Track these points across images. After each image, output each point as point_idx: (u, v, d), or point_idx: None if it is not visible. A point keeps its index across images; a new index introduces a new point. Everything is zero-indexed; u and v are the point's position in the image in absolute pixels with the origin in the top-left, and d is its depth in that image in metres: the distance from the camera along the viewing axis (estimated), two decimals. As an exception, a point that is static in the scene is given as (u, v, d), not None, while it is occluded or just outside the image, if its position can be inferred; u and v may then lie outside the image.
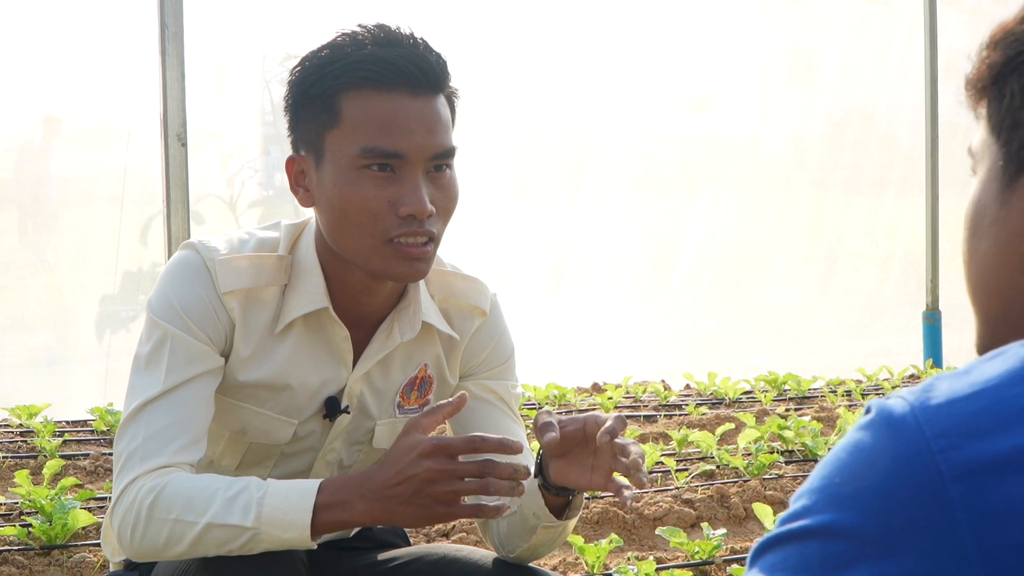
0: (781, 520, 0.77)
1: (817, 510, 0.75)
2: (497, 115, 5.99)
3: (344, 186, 1.55)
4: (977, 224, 0.88)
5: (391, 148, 1.53)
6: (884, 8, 7.20)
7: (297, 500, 1.48)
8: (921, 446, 0.72)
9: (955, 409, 0.73)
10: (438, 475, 1.43)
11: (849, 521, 0.73)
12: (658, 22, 6.63)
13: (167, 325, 1.59)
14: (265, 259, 1.64)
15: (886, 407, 0.75)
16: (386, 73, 1.54)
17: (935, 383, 0.75)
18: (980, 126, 0.88)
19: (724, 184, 6.71)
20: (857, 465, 0.74)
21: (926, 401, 0.74)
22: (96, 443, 4.35)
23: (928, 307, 6.68)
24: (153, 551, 1.54)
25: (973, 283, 0.89)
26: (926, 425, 0.72)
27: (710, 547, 3.01)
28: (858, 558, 0.72)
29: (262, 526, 1.47)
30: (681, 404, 5.36)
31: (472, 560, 1.76)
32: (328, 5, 5.72)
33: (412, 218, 1.54)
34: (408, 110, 1.54)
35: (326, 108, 1.56)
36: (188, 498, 1.50)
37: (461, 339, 1.79)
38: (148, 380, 1.59)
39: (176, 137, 4.14)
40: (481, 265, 1.86)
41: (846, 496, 0.74)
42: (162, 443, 1.55)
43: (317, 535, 1.48)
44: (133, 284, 5.31)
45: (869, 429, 0.75)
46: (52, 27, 5.29)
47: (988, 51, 0.86)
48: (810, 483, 0.77)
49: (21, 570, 2.92)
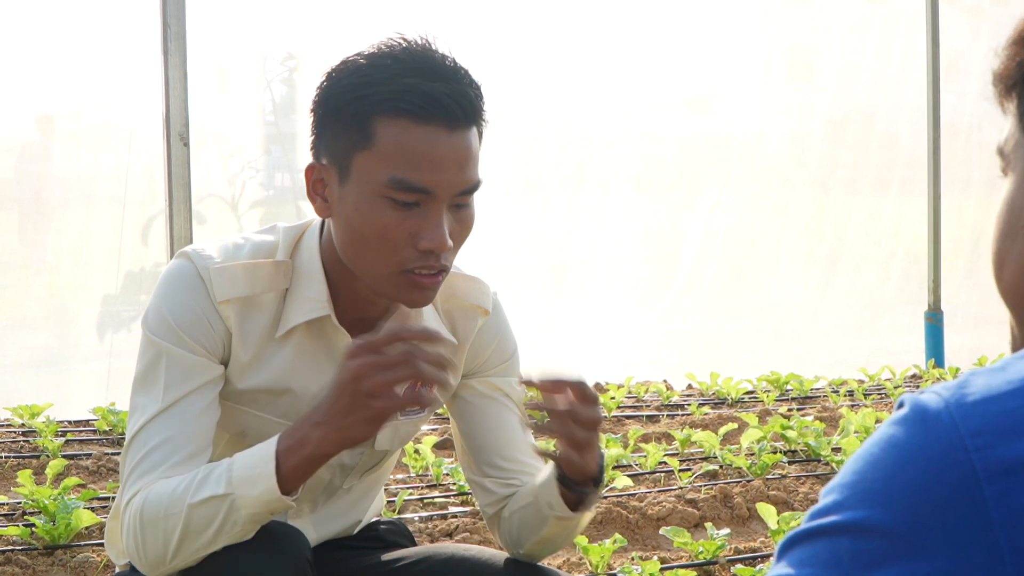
0: (811, 515, 0.76)
1: (848, 506, 0.74)
2: (498, 115, 5.96)
3: (367, 211, 1.52)
4: (1012, 226, 0.86)
5: (420, 184, 1.51)
6: (884, 8, 7.20)
7: (260, 452, 1.49)
8: (956, 444, 0.71)
9: (991, 407, 0.72)
10: (365, 369, 1.42)
11: (881, 518, 0.72)
12: (659, 22, 6.63)
13: (161, 341, 1.59)
14: (261, 266, 1.63)
15: (920, 402, 0.74)
16: (426, 107, 1.50)
17: (970, 379, 0.74)
18: (1009, 122, 0.87)
19: (725, 184, 6.70)
20: (890, 461, 0.73)
21: (962, 398, 0.73)
22: (98, 443, 4.35)
23: (930, 307, 6.68)
24: (161, 559, 1.53)
25: (1007, 285, 0.87)
26: (961, 423, 0.71)
27: (714, 547, 3.00)
28: (890, 556, 0.71)
29: (235, 489, 1.47)
30: (683, 404, 5.36)
31: (481, 559, 1.76)
32: (330, 6, 5.72)
33: (431, 253, 1.53)
34: (443, 146, 1.51)
35: (359, 129, 1.52)
36: (169, 493, 1.51)
37: (464, 340, 1.78)
38: (147, 399, 1.59)
39: (178, 136, 4.14)
40: (482, 265, 1.86)
41: (878, 492, 0.73)
42: (161, 457, 1.56)
43: (288, 484, 1.48)
44: (135, 284, 5.31)
45: (903, 424, 0.74)
46: (54, 27, 5.29)
47: (1016, 48, 0.85)
48: (841, 477, 0.76)
49: (24, 570, 2.91)
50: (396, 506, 3.46)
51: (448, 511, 3.46)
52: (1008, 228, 0.87)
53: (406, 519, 3.28)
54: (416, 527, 3.25)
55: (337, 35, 5.72)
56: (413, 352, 1.42)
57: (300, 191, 5.76)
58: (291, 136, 5.82)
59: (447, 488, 3.74)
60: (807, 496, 3.70)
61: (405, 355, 1.42)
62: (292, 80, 5.81)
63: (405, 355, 1.42)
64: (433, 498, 3.61)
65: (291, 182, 5.87)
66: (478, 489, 1.82)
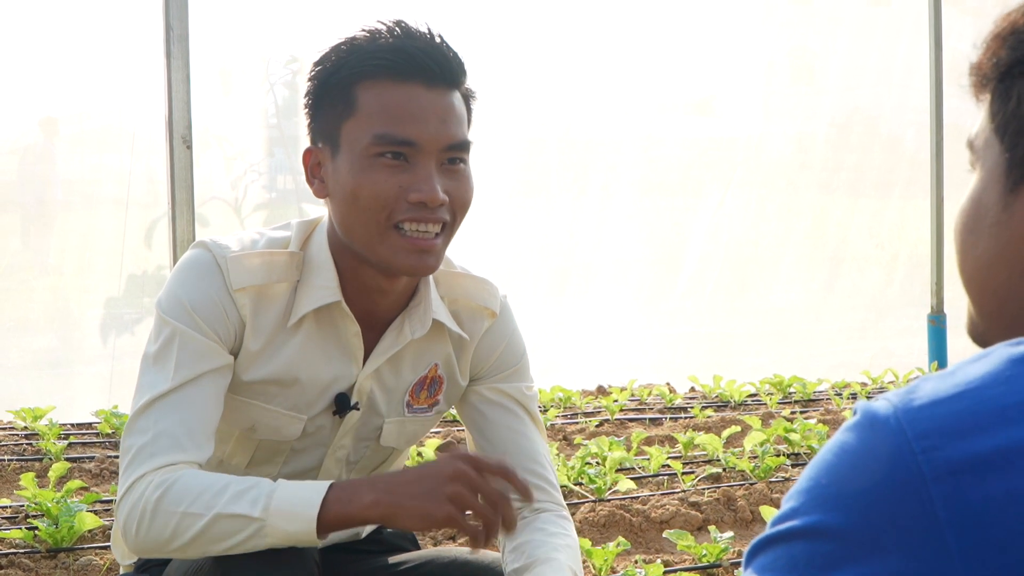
0: (772, 522, 0.78)
1: (804, 511, 0.76)
2: (501, 117, 5.98)
3: (357, 173, 1.56)
4: (976, 222, 0.89)
5: (402, 135, 1.54)
6: (887, 10, 7.20)
7: (307, 492, 1.48)
8: (903, 447, 0.73)
9: (937, 410, 0.74)
10: (466, 477, 1.43)
11: (834, 521, 0.74)
12: (661, 24, 6.63)
13: (176, 323, 1.59)
14: (276, 256, 1.65)
15: (870, 409, 0.76)
16: (402, 63, 1.55)
17: (920, 384, 0.76)
18: (982, 115, 0.89)
19: (728, 186, 6.70)
20: (842, 466, 0.76)
21: (909, 403, 0.75)
22: (101, 445, 4.34)
23: (933, 309, 6.66)
24: (156, 544, 1.53)
25: (968, 277, 0.91)
26: (908, 426, 0.73)
27: (717, 550, 3.00)
28: (844, 558, 0.73)
29: (269, 517, 1.47)
30: (686, 407, 5.35)
31: (484, 563, 1.76)
32: (332, 7, 5.72)
33: (423, 205, 1.54)
34: (422, 100, 1.56)
35: (343, 98, 1.57)
36: (199, 491, 1.50)
37: (471, 339, 1.78)
38: (157, 377, 1.59)
39: (181, 139, 4.14)
40: (485, 267, 1.86)
41: (831, 497, 0.75)
42: (171, 440, 1.55)
43: (323, 530, 1.47)
44: (138, 287, 5.31)
45: (854, 431, 0.76)
46: (57, 29, 5.29)
47: (995, 45, 0.86)
48: (798, 484, 0.78)
49: (27, 573, 2.91)
50: (399, 509, 3.46)
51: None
52: (972, 223, 0.90)
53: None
54: (419, 530, 3.24)
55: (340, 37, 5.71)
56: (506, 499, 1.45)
57: (303, 194, 5.76)
58: (294, 139, 5.82)
59: (450, 491, 3.74)
60: (811, 499, 3.69)
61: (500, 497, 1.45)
62: (295, 83, 5.81)
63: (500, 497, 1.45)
64: (436, 501, 3.61)
65: (294, 184, 5.87)
66: None
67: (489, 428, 1.80)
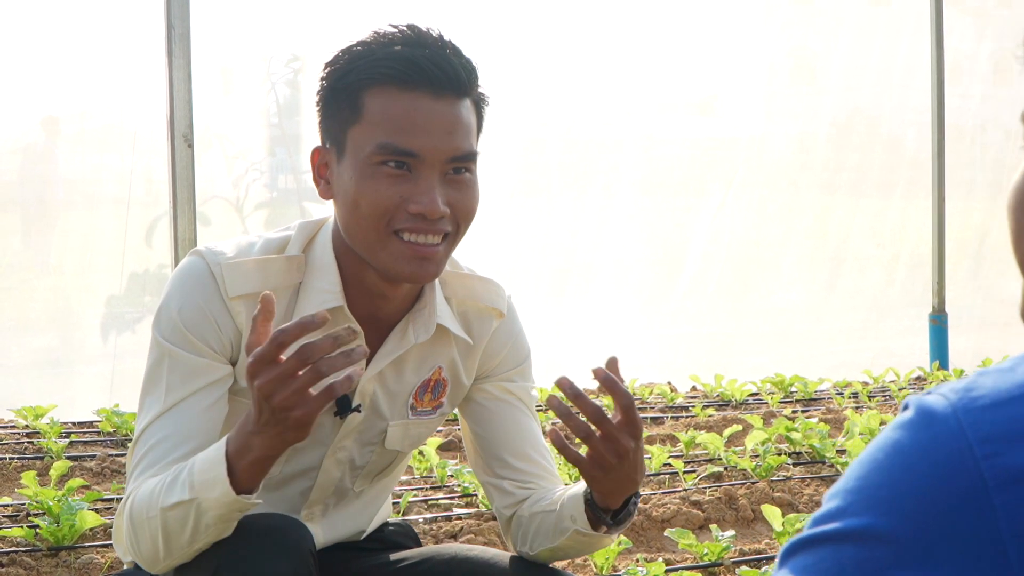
0: (814, 520, 0.74)
1: (852, 512, 0.71)
2: (502, 117, 5.97)
3: (360, 180, 1.55)
4: None
5: (406, 146, 1.53)
6: (888, 10, 7.20)
7: (213, 455, 1.47)
8: (964, 450, 0.68)
9: (1000, 412, 0.69)
10: (269, 386, 1.38)
11: (886, 526, 0.70)
12: (662, 24, 6.63)
13: (165, 343, 1.60)
14: (272, 261, 1.64)
15: (926, 405, 0.71)
16: (408, 72, 1.54)
17: (978, 380, 0.71)
18: None
19: (729, 186, 6.70)
20: (895, 467, 0.71)
21: (970, 402, 0.70)
22: (103, 444, 4.34)
23: (934, 309, 6.66)
24: (155, 557, 1.54)
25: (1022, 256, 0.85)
26: (969, 428, 0.69)
27: (719, 549, 3.00)
28: (894, 564, 0.69)
29: (198, 493, 1.46)
30: (688, 406, 5.35)
31: (484, 559, 1.76)
32: (333, 7, 5.72)
33: (422, 217, 1.54)
34: (428, 111, 1.54)
35: (350, 104, 1.57)
36: (148, 496, 1.52)
37: (479, 342, 1.78)
38: (150, 400, 1.61)
39: (182, 138, 4.14)
40: (486, 267, 1.86)
41: (883, 499, 0.70)
42: (159, 455, 1.56)
43: (245, 484, 1.45)
44: (139, 285, 5.31)
45: (908, 428, 0.71)
46: (58, 28, 5.29)
47: None
48: (845, 482, 0.74)
49: (28, 571, 2.91)
50: (401, 508, 3.46)
51: (452, 513, 3.45)
52: None
53: (411, 520, 3.28)
54: (421, 528, 3.24)
55: (341, 37, 5.71)
56: (308, 353, 1.36)
57: (304, 193, 5.76)
58: (295, 138, 5.82)
59: (451, 490, 3.74)
60: (811, 498, 3.70)
61: (300, 359, 1.36)
62: (296, 82, 5.81)
63: (300, 359, 1.36)
64: (438, 500, 3.61)
65: (295, 184, 5.87)
66: (494, 491, 1.81)
67: (490, 420, 1.80)
